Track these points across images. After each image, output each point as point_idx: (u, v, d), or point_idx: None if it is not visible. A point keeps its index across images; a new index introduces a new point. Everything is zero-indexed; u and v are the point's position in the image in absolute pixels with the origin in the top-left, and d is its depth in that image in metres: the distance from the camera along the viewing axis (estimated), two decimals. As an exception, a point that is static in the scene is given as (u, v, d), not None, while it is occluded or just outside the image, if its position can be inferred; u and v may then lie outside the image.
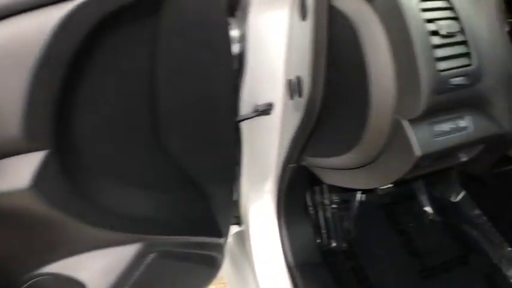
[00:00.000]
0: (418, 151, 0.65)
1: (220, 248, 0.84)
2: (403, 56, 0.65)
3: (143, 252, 0.71)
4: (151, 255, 0.73)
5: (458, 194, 1.49)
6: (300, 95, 0.80)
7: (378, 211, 1.41)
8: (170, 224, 0.75)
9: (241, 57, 0.85)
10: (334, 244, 1.26)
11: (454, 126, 0.69)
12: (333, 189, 1.27)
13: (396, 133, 0.67)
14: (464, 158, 0.75)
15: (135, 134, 0.70)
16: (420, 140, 0.66)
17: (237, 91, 0.87)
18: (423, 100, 0.63)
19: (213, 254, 0.83)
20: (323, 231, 1.24)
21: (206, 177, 0.77)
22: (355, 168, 0.81)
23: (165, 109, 0.69)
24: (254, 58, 0.84)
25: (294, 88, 0.81)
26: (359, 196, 1.34)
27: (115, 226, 0.67)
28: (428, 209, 1.45)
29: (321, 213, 1.24)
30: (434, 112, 0.67)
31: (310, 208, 1.21)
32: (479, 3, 0.70)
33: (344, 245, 1.28)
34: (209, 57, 0.69)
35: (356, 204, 1.33)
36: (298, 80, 0.80)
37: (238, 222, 1.12)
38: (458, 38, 0.67)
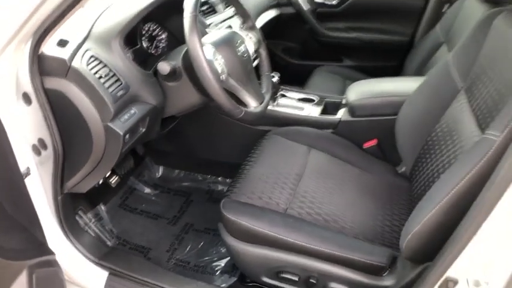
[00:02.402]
0: (120, 132, 1.19)
1: (57, 263, 1.16)
2: (93, 95, 1.16)
3: (30, 273, 1.00)
4: (34, 274, 1.02)
5: (158, 171, 2.14)
6: (45, 149, 1.20)
7: (120, 210, 1.90)
8: (26, 252, 1.04)
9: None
10: (109, 243, 1.69)
11: (129, 114, 1.25)
12: (87, 210, 1.69)
13: (107, 131, 1.19)
14: (143, 129, 1.34)
15: None
16: (118, 127, 1.20)
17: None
18: (109, 109, 1.17)
19: (57, 269, 1.15)
20: (100, 237, 1.65)
21: (24, 220, 1.08)
22: (94, 169, 1.29)
23: None
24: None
25: (40, 147, 1.20)
26: (103, 208, 1.80)
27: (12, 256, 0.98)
28: (147, 190, 2.03)
29: (91, 229, 1.64)
30: (118, 113, 1.21)
31: (85, 228, 1.60)
32: (111, 51, 1.26)
33: (115, 240, 1.72)
34: None
35: (104, 213, 1.79)
36: (41, 141, 1.19)
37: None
38: (111, 74, 1.22)
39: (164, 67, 1.28)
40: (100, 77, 1.17)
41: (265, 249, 1.24)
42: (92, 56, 1.19)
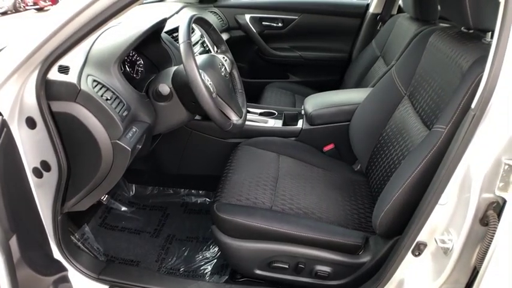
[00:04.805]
0: (128, 148, 1.30)
1: (69, 278, 1.24)
2: (103, 116, 1.25)
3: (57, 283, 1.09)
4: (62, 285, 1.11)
5: (132, 189, 2.24)
6: (48, 170, 1.28)
7: (102, 229, 1.99)
8: (49, 268, 1.13)
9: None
10: (102, 258, 1.78)
11: (132, 132, 1.36)
12: (75, 230, 1.77)
13: (116, 148, 1.29)
14: (139, 146, 1.47)
15: None
16: (126, 143, 1.30)
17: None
18: (119, 127, 1.28)
19: (70, 284, 1.23)
20: (92, 255, 1.73)
21: (38, 236, 1.16)
22: (98, 186, 1.39)
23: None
24: None
25: (42, 169, 1.27)
26: (87, 228, 1.88)
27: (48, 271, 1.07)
28: (124, 208, 2.14)
29: (80, 249, 1.72)
30: (124, 131, 1.32)
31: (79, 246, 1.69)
32: (111, 75, 1.37)
33: (104, 258, 1.81)
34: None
35: (88, 233, 1.87)
36: (44, 163, 1.26)
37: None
38: (114, 96, 1.32)
39: (165, 88, 1.44)
40: (107, 99, 1.28)
41: (258, 243, 1.41)
42: (94, 81, 1.29)
